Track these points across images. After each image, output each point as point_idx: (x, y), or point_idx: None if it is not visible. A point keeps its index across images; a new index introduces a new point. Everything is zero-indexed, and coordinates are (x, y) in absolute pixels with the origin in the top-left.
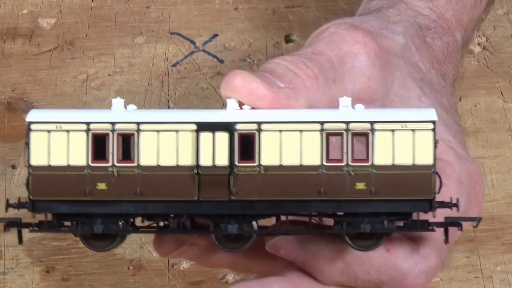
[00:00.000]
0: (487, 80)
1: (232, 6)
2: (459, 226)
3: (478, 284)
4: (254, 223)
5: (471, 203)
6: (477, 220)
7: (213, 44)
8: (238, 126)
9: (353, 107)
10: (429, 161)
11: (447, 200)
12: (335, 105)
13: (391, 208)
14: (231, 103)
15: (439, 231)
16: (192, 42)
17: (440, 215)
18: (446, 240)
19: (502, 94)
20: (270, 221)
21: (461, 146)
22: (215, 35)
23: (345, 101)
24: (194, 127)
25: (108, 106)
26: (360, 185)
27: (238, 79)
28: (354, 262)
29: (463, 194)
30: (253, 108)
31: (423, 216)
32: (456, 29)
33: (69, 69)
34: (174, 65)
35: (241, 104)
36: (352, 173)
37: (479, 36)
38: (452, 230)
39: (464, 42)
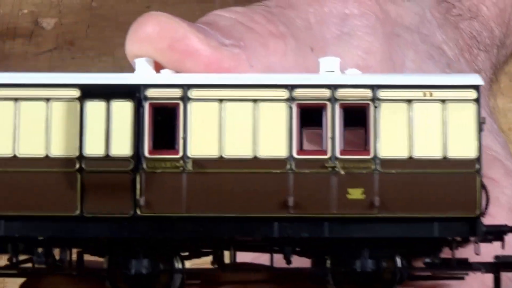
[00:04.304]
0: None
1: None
2: None
3: None
4: (177, 258)
5: None
6: None
7: None
8: (150, 92)
9: (343, 72)
10: (470, 152)
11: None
12: None
13: (407, 232)
14: (142, 65)
15: (478, 277)
16: None
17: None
18: None
19: (502, 94)
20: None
21: (511, 160)
22: None
23: (328, 62)
24: (76, 92)
25: None
26: (355, 193)
27: (152, 24)
28: None
29: None
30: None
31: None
32: (493, 20)
33: (69, 69)
34: None
35: (158, 67)
36: (342, 172)
37: None
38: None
39: (505, 44)
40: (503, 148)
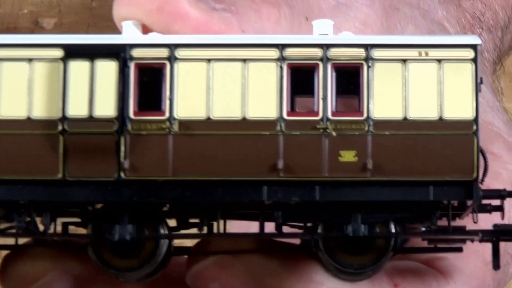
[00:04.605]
0: None
1: None
2: None
3: None
4: (163, 224)
5: None
6: None
7: None
8: (136, 52)
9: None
10: (467, 113)
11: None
12: None
13: (401, 196)
14: (129, 28)
15: (478, 252)
16: None
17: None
18: (497, 264)
19: (502, 94)
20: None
21: None
22: None
23: (322, 24)
24: (59, 52)
25: None
26: (348, 155)
27: None
28: None
29: None
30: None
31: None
32: (497, 2)
33: None
34: None
35: (146, 30)
36: (334, 134)
37: None
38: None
39: (510, 29)
40: (505, 125)
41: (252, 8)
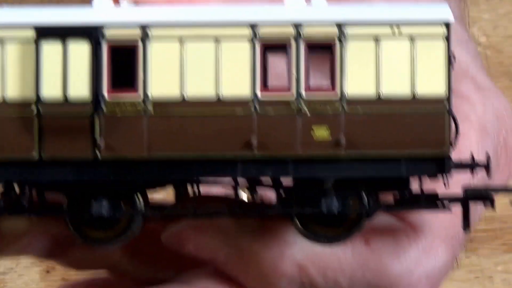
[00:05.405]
0: None
1: None
2: (489, 200)
3: (479, 284)
4: (139, 198)
5: (498, 163)
6: None
7: None
8: (109, 32)
9: (308, 2)
10: (439, 90)
11: (463, 156)
12: None
13: (374, 172)
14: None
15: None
16: None
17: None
18: (466, 224)
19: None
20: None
21: (482, 73)
22: None
23: None
24: (31, 33)
25: None
26: (321, 132)
27: None
28: (310, 263)
29: (488, 147)
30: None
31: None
32: None
33: None
34: None
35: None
36: (307, 112)
37: (479, 35)
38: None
39: None
40: (473, 59)
41: None
